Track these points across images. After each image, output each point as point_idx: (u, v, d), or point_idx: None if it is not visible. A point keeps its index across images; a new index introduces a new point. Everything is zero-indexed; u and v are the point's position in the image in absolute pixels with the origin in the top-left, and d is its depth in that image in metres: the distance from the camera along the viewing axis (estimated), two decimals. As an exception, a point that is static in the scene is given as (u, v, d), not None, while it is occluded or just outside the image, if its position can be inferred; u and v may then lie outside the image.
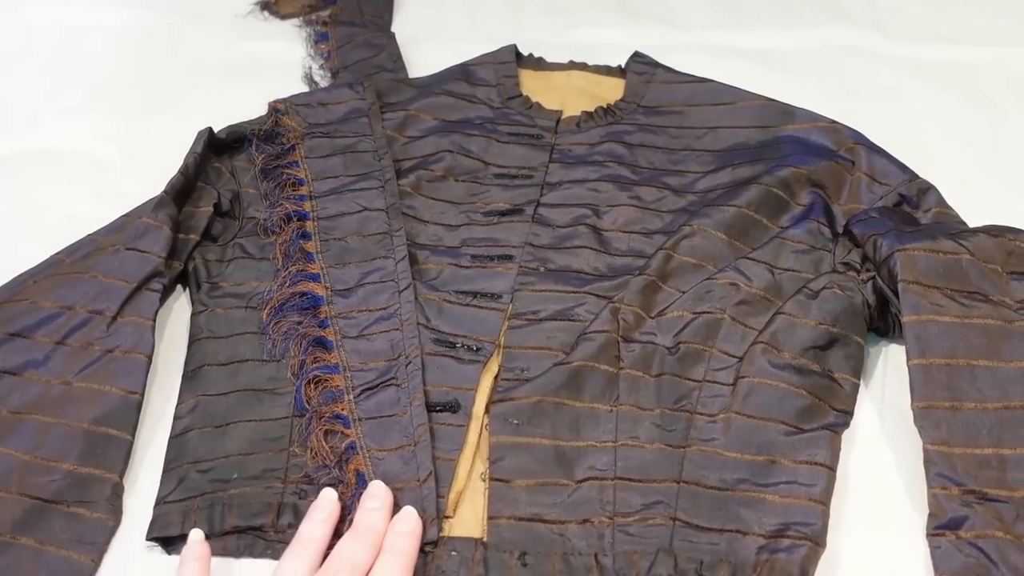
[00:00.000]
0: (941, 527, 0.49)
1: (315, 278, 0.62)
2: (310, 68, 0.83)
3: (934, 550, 0.49)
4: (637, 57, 0.77)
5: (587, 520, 0.51)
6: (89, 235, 0.64)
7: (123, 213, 0.65)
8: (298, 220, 0.65)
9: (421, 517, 0.51)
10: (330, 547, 0.49)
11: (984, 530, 0.49)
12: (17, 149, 0.75)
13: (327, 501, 0.51)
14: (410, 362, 0.57)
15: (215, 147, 0.71)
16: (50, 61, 0.84)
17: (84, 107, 0.79)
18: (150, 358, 0.59)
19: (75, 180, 0.73)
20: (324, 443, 0.54)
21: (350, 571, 0.48)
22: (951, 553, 0.48)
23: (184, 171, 0.66)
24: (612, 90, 0.76)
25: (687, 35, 0.85)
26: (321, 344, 0.59)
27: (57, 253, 0.63)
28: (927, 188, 0.65)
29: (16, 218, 0.70)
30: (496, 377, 0.57)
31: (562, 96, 0.77)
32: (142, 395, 0.57)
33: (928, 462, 0.51)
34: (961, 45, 0.82)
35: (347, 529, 0.50)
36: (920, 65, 0.80)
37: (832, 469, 0.52)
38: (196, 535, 0.50)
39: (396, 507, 0.51)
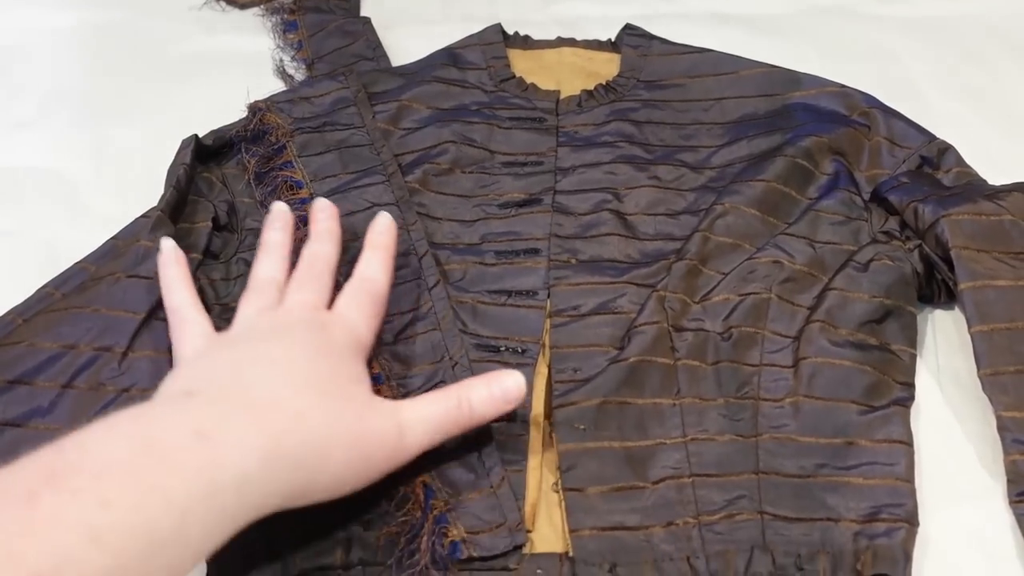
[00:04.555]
0: (1023, 493, 0.49)
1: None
2: (281, 61, 0.77)
3: (1020, 517, 0.49)
4: (629, 29, 0.74)
5: (671, 523, 0.49)
6: (77, 264, 0.59)
7: (109, 236, 0.60)
8: (304, 225, 0.61)
9: (503, 524, 0.48)
10: None
11: (1068, 490, 0.49)
12: (-29, 172, 0.68)
13: (280, 212, 0.57)
14: (456, 363, 0.54)
15: (200, 155, 0.65)
16: (-7, 71, 0.76)
17: (39, 120, 0.72)
18: (172, 394, 0.54)
19: (43, 202, 0.67)
20: None
21: (324, 264, 0.53)
22: (1038, 518, 0.48)
23: (176, 185, 0.61)
24: (607, 65, 0.73)
25: (671, 5, 0.82)
26: (357, 357, 0.55)
27: (44, 287, 0.57)
28: (946, 148, 0.64)
29: (-16, 250, 0.64)
30: (547, 380, 0.55)
31: (556, 75, 0.73)
32: (168, 436, 0.52)
33: (1002, 429, 0.50)
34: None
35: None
36: (908, 22, 0.80)
37: (910, 445, 0.51)
38: (167, 242, 0.55)
39: (470, 516, 0.48)
